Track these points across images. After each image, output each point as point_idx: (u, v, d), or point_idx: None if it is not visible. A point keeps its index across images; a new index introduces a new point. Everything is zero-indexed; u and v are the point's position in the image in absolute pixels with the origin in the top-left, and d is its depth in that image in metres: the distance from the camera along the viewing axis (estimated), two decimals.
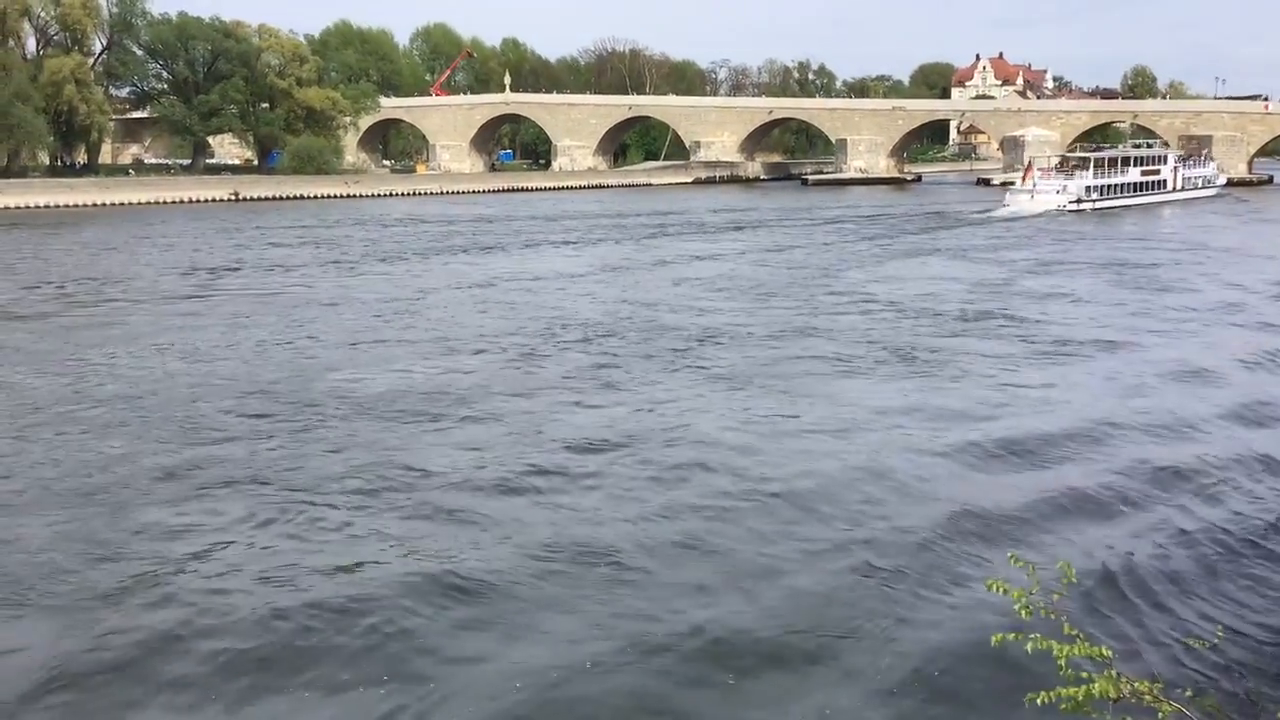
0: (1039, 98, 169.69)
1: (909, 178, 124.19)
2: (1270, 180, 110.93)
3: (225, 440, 17.29)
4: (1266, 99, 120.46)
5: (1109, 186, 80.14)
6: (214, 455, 16.38)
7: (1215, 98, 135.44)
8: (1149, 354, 25.50)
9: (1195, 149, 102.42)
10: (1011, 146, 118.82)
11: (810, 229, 62.80)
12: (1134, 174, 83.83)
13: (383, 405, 19.42)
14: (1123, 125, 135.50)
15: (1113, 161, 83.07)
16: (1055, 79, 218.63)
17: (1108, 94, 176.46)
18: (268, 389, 20.85)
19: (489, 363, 23.61)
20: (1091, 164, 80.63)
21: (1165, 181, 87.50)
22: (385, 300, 33.63)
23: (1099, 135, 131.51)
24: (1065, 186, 76.68)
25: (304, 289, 36.62)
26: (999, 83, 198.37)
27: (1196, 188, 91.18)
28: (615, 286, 37.47)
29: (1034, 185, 76.08)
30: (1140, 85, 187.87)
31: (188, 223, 66.57)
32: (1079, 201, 75.82)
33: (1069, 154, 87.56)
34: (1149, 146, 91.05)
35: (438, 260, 45.87)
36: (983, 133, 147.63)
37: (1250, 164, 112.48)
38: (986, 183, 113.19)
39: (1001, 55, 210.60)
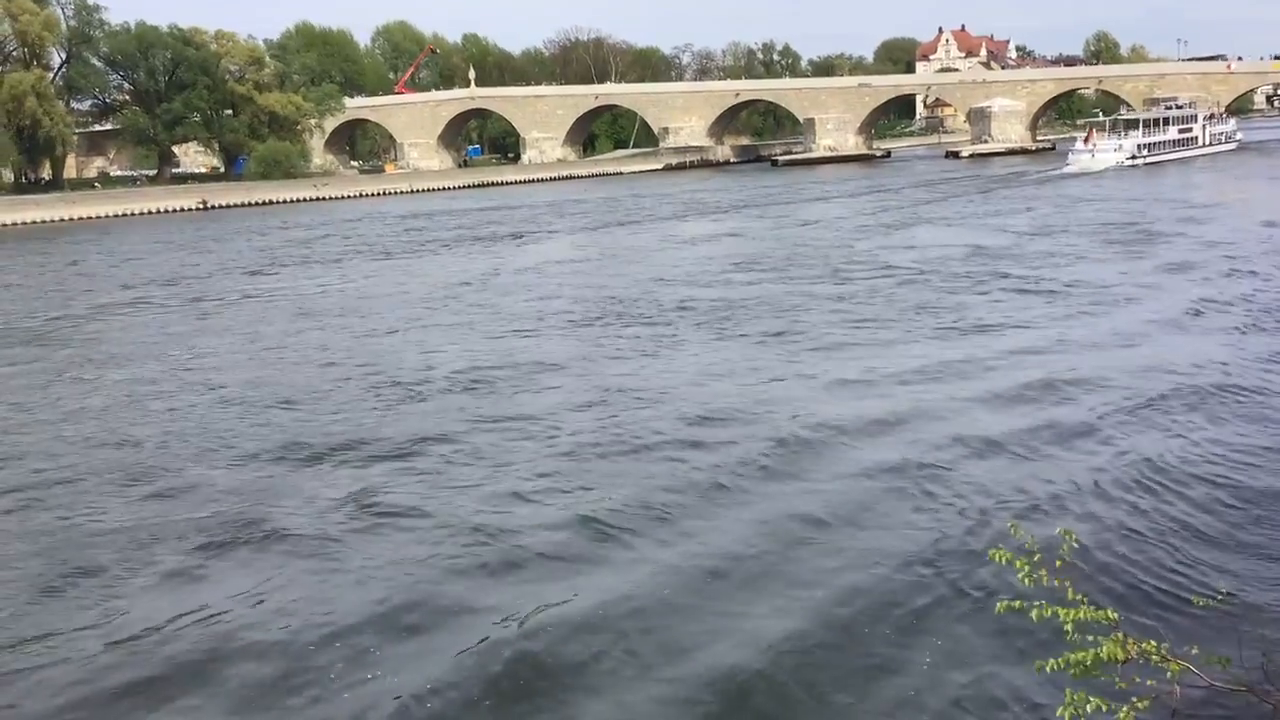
0: (1003, 68, 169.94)
1: (878, 154, 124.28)
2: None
3: (312, 420, 18.29)
4: (1229, 59, 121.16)
5: (1154, 144, 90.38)
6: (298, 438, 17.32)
7: (1179, 60, 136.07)
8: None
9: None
10: (978, 118, 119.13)
11: (885, 195, 68.83)
12: (1172, 132, 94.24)
13: (455, 383, 20.58)
14: (1088, 91, 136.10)
15: (1155, 122, 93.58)
16: (1018, 49, 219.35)
17: (1071, 61, 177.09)
18: (347, 374, 22.08)
19: (548, 338, 25.15)
20: (1140, 125, 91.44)
21: (1196, 138, 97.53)
22: (414, 294, 34.21)
23: (1064, 102, 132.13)
24: (1120, 145, 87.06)
25: (333, 286, 37.25)
26: (962, 55, 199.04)
27: (1221, 143, 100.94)
28: (634, 264, 39.45)
29: (1094, 145, 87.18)
30: (1103, 51, 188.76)
31: (156, 234, 66.03)
32: (1133, 158, 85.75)
33: (1119, 117, 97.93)
34: (1179, 108, 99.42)
35: (443, 255, 45.94)
36: (949, 105, 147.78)
37: None
38: (956, 155, 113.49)
39: (964, 28, 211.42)
